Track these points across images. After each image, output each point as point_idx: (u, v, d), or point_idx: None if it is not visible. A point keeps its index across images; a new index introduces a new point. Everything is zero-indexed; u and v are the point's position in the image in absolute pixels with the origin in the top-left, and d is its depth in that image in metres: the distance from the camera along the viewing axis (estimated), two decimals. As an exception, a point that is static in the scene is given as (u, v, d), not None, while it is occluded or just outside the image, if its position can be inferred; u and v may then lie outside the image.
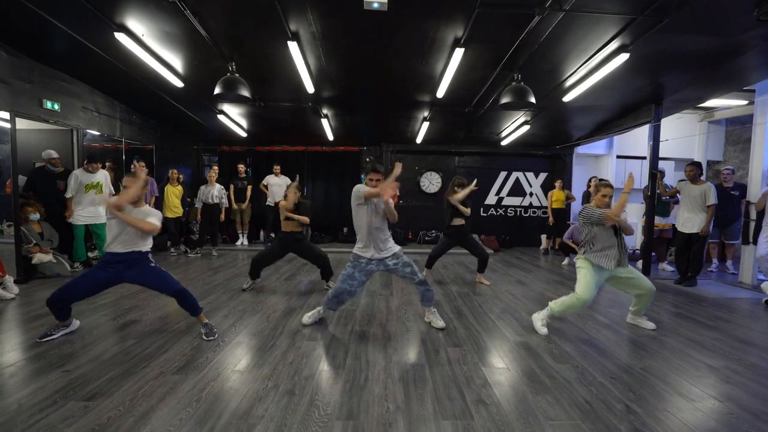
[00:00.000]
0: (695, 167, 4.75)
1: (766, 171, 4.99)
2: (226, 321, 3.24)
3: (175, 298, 2.79)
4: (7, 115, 4.29)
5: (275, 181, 7.35)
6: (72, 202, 4.87)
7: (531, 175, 8.63)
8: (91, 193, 4.95)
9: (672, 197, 5.81)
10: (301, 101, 5.89)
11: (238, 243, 7.54)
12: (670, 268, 5.91)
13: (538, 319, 3.16)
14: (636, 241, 7.06)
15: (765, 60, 4.11)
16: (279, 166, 7.46)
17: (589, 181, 6.78)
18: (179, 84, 4.92)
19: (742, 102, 7.04)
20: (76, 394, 2.04)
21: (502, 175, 8.61)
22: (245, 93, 4.30)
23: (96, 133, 5.67)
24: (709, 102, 6.75)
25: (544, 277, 5.31)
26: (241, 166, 7.41)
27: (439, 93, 5.10)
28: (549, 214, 7.47)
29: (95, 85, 5.44)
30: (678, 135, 7.47)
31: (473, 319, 3.45)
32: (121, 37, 3.77)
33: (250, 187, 7.34)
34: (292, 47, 3.93)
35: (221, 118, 6.57)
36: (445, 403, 2.05)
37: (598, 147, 8.29)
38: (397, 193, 2.96)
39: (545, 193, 8.35)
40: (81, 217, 4.94)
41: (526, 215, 8.68)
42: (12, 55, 4.33)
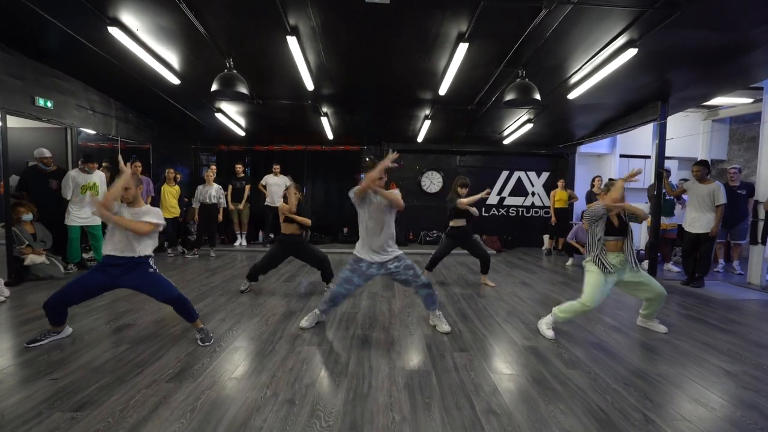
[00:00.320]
0: (703, 167, 4.65)
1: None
2: (224, 325, 3.13)
3: (170, 305, 2.68)
4: (-2, 112, 4.18)
5: (274, 181, 7.23)
6: (68, 203, 4.76)
7: (533, 174, 8.53)
8: (88, 194, 4.84)
9: (678, 197, 5.72)
10: (300, 99, 5.77)
11: (237, 244, 7.42)
12: (676, 268, 5.81)
13: (543, 323, 3.07)
14: (640, 242, 6.96)
15: (775, 57, 4.03)
16: (278, 166, 7.35)
17: (593, 181, 6.69)
18: (176, 81, 4.81)
19: (747, 100, 6.95)
20: (64, 404, 1.93)
21: (504, 174, 8.51)
22: (243, 90, 4.19)
23: (91, 131, 5.55)
24: (713, 100, 6.66)
25: (549, 279, 5.21)
26: (239, 166, 7.29)
27: (442, 90, 4.99)
28: (551, 214, 7.37)
29: (90, 82, 5.32)
30: (681, 134, 7.39)
31: (479, 322, 3.35)
32: (114, 32, 3.66)
33: (248, 187, 7.23)
34: (292, 42, 3.82)
35: (219, 116, 6.45)
36: (454, 413, 1.94)
37: (601, 146, 8.20)
38: (384, 177, 2.83)
39: (547, 193, 8.25)
40: (77, 218, 4.82)
41: (528, 215, 8.58)
42: (3, 50, 4.21)
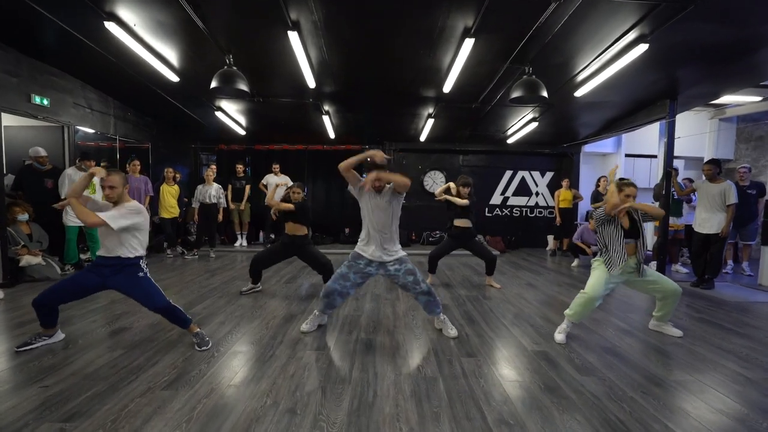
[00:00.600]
0: (714, 165, 4.53)
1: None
2: (223, 328, 3.03)
3: (159, 314, 2.58)
4: (-8, 110, 4.09)
5: (274, 181, 7.12)
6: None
7: (537, 174, 8.42)
8: (84, 193, 4.73)
9: (686, 196, 5.60)
10: (301, 97, 5.68)
11: (237, 244, 7.33)
12: (683, 269, 5.70)
13: (557, 329, 2.97)
14: (648, 242, 6.84)
15: (788, 53, 3.92)
16: (278, 165, 7.25)
17: (598, 181, 6.57)
18: (174, 78, 4.72)
19: (756, 98, 6.83)
20: (53, 414, 1.83)
21: (508, 174, 8.40)
22: (243, 87, 4.09)
23: (89, 130, 5.46)
24: (720, 99, 6.54)
25: (555, 280, 5.10)
26: (240, 166, 7.20)
27: (446, 88, 4.89)
28: (556, 214, 7.26)
29: (87, 80, 5.23)
30: (688, 133, 7.27)
31: (485, 325, 3.24)
32: (111, 27, 3.56)
33: (248, 187, 7.14)
34: (293, 37, 3.72)
35: (219, 115, 6.36)
36: (464, 423, 1.83)
37: (606, 145, 8.09)
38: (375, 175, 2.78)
39: (552, 193, 8.14)
40: (74, 218, 4.72)
41: (532, 215, 8.47)
42: (-2, 47, 4.13)
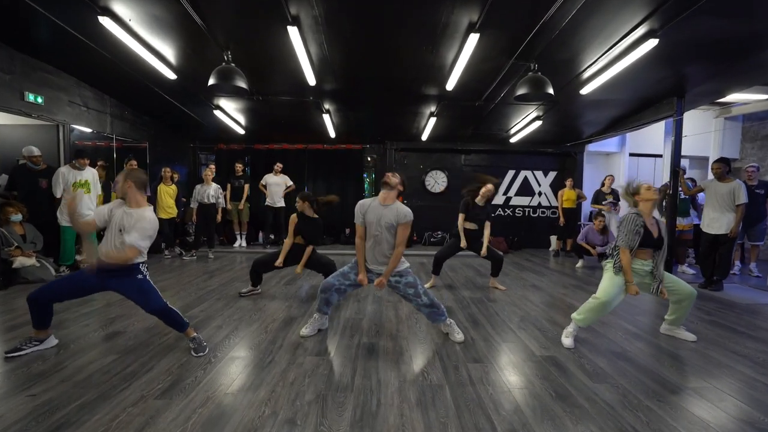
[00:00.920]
0: (723, 164, 4.43)
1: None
2: (220, 332, 2.93)
3: (156, 316, 2.49)
4: (-16, 107, 4.00)
5: (273, 181, 7.04)
6: (60, 203, 4.56)
7: (540, 173, 8.32)
8: (79, 192, 4.64)
9: (693, 197, 5.52)
10: (301, 95, 5.58)
11: (236, 245, 7.23)
12: (690, 271, 5.61)
13: (564, 333, 2.88)
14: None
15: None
16: (281, 165, 7.14)
17: (604, 180, 6.48)
18: (172, 76, 4.62)
19: (762, 96, 6.74)
20: (39, 425, 1.73)
21: (510, 173, 8.30)
22: (242, 84, 3.99)
23: (85, 129, 5.36)
24: (726, 97, 6.44)
25: (560, 281, 5.00)
26: (239, 165, 7.10)
27: (449, 85, 4.80)
28: (559, 215, 7.17)
29: (82, 77, 5.12)
30: (693, 132, 7.17)
31: (491, 328, 3.14)
32: (105, 22, 3.46)
33: (247, 186, 7.04)
34: (293, 33, 3.62)
35: (218, 113, 6.26)
36: (474, 435, 1.74)
37: (609, 144, 7.99)
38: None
39: (555, 193, 8.04)
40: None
41: (535, 215, 8.37)
42: (-10, 43, 4.03)
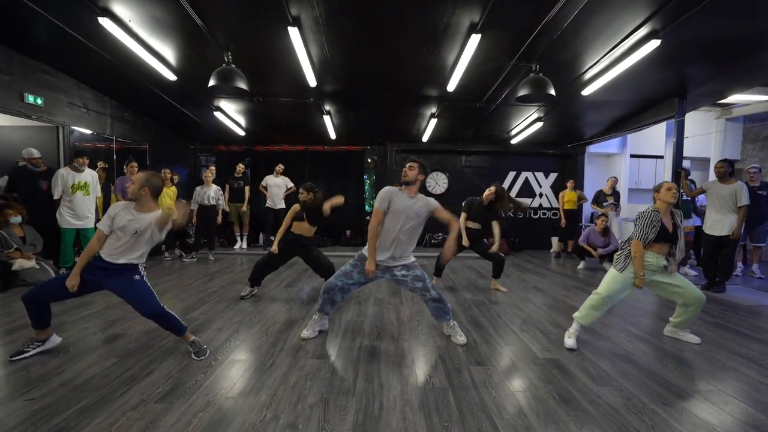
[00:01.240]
0: (727, 164, 4.41)
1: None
2: (221, 335, 2.91)
3: (153, 321, 2.46)
4: (-17, 109, 3.98)
5: (274, 182, 7.03)
6: (58, 204, 4.54)
7: (541, 175, 8.31)
8: (78, 194, 4.62)
9: (695, 199, 5.50)
10: (302, 96, 5.57)
11: (237, 247, 7.21)
12: (692, 272, 5.58)
13: (566, 333, 2.86)
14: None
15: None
16: (282, 166, 7.12)
17: (608, 181, 6.47)
18: (172, 77, 4.61)
19: (763, 97, 6.73)
20: (38, 429, 1.71)
21: (511, 175, 8.29)
22: (242, 85, 3.98)
23: (85, 130, 5.35)
24: (728, 98, 6.43)
25: (562, 283, 4.98)
26: (240, 166, 7.09)
27: (450, 86, 4.79)
28: (561, 216, 7.15)
29: (82, 79, 5.11)
30: (694, 133, 7.15)
31: (493, 331, 3.12)
32: (105, 23, 3.45)
33: (247, 188, 7.02)
34: (293, 33, 3.61)
35: (218, 115, 6.25)
36: (478, 439, 1.72)
37: (611, 146, 7.99)
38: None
39: (556, 194, 8.03)
40: (70, 220, 4.60)
41: (536, 217, 8.35)
42: (-10, 44, 4.02)
